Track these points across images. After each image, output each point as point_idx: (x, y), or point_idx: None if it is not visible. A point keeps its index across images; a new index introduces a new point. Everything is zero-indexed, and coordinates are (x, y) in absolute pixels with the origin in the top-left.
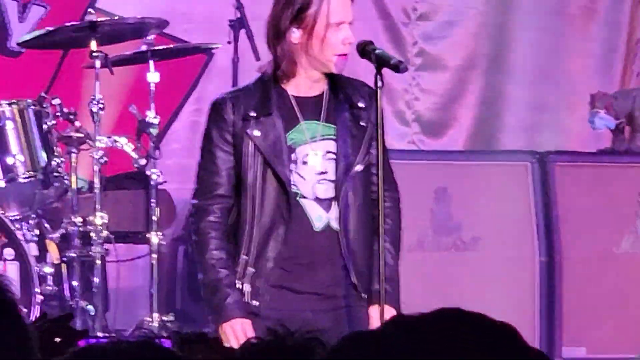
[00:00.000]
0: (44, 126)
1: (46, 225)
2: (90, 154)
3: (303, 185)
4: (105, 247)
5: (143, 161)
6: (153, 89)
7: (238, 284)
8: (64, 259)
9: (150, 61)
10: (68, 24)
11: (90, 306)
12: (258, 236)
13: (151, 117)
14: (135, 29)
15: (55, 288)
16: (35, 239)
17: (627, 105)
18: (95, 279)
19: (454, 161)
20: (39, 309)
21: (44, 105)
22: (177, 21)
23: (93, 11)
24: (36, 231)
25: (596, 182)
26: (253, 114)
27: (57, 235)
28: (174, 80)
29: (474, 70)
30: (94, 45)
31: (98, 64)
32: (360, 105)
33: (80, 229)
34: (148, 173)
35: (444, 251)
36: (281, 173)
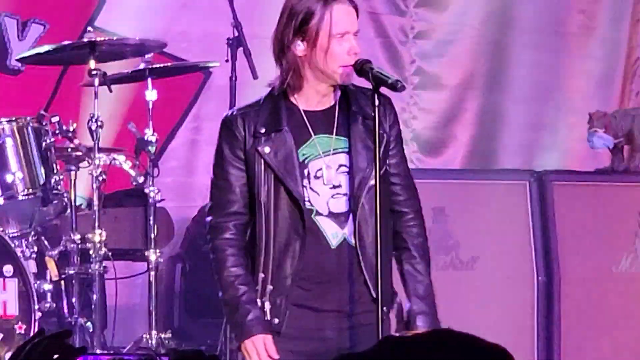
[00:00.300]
0: (43, 144)
1: (45, 242)
2: (89, 172)
3: (317, 201)
4: (103, 265)
5: (141, 179)
6: (151, 107)
7: (259, 302)
8: (63, 276)
9: (149, 79)
10: (67, 42)
11: (88, 323)
12: (274, 253)
13: (149, 135)
14: (134, 49)
15: (53, 305)
16: (34, 256)
17: (626, 124)
18: (94, 296)
19: (452, 180)
20: (37, 325)
21: (43, 123)
22: (175, 39)
23: (91, 29)
24: (35, 248)
25: (595, 202)
26: (263, 130)
27: (56, 252)
28: (172, 98)
29: (471, 88)
30: (92, 63)
31: (97, 82)
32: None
33: (79, 246)
34: (146, 191)
35: (441, 270)
36: (293, 189)
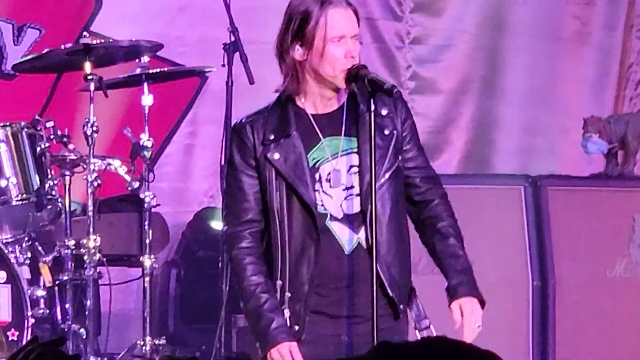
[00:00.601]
0: (38, 149)
1: (39, 248)
2: (84, 177)
3: (330, 204)
4: (98, 270)
5: (136, 184)
6: (147, 111)
7: None
8: (57, 282)
9: (145, 84)
10: (62, 47)
11: (82, 329)
12: (290, 260)
13: (145, 140)
14: (129, 51)
15: (47, 311)
16: (27, 261)
17: (620, 129)
18: (88, 302)
19: (447, 185)
20: (30, 332)
21: (38, 128)
22: (172, 44)
23: (87, 34)
24: (29, 254)
25: (589, 207)
26: (272, 136)
27: (50, 258)
28: (168, 103)
29: (467, 93)
30: (88, 68)
31: (92, 86)
32: (383, 112)
33: (73, 251)
34: (141, 196)
35: (437, 275)
36: (304, 195)
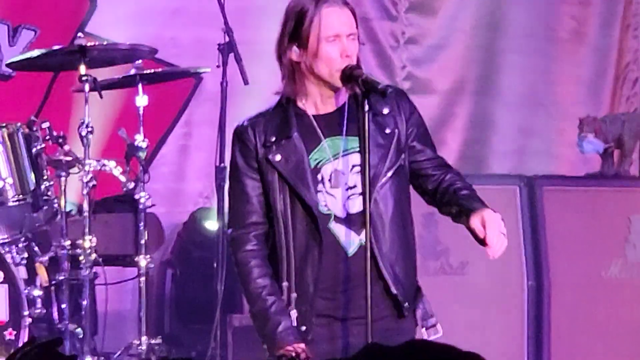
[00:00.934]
0: (33, 150)
1: (35, 248)
2: (80, 178)
3: (334, 204)
4: (94, 270)
5: (132, 185)
6: (142, 112)
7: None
8: (53, 282)
9: (139, 85)
10: (57, 47)
11: (78, 329)
12: (295, 261)
13: (140, 141)
14: (125, 55)
15: (44, 311)
16: (24, 262)
17: (616, 129)
18: (84, 302)
19: None
20: (27, 331)
21: (34, 129)
22: (166, 45)
23: (82, 35)
24: (25, 254)
25: (585, 207)
26: (273, 138)
27: (46, 258)
28: (162, 104)
29: (462, 94)
30: (83, 69)
31: (87, 87)
32: (385, 111)
33: (69, 252)
34: (137, 197)
35: (432, 276)
36: (306, 196)
